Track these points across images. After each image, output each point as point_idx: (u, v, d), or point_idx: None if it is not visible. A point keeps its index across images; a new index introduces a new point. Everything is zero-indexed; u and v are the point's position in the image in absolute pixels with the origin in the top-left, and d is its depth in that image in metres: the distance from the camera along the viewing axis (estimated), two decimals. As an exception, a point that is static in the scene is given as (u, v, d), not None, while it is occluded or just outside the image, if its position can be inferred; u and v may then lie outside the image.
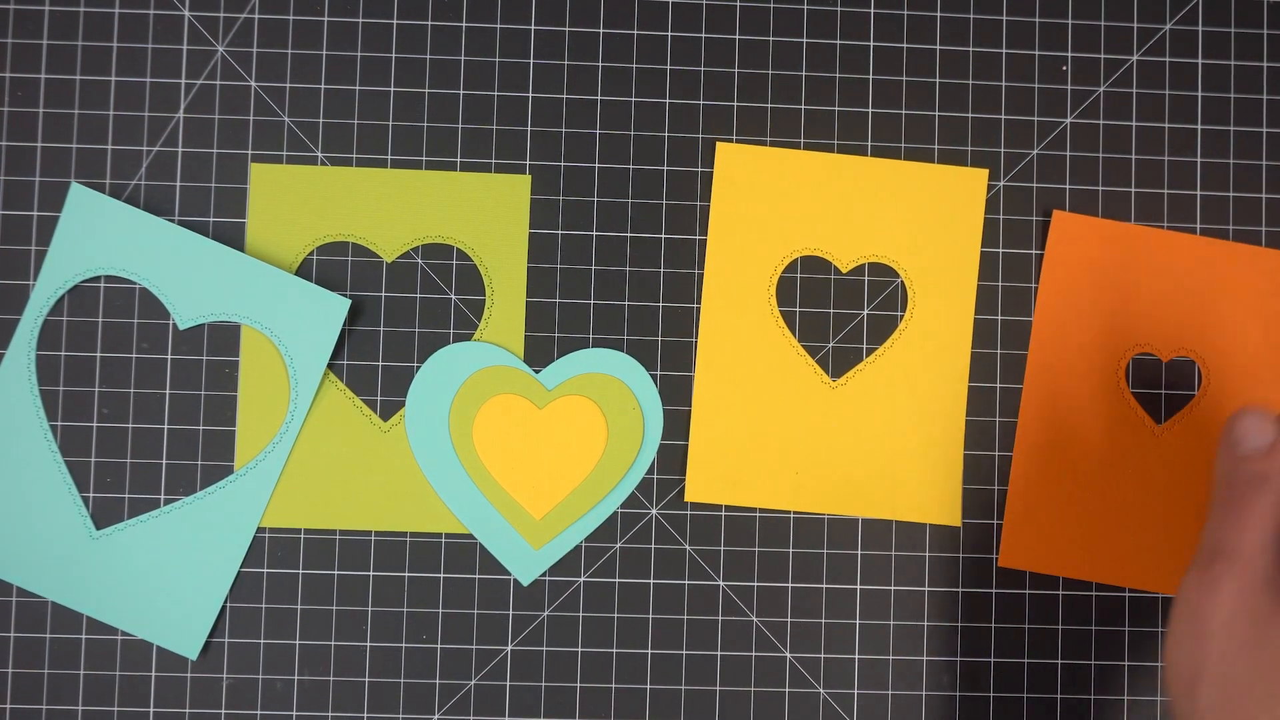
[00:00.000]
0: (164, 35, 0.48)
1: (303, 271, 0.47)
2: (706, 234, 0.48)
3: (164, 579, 0.46)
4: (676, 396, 0.47)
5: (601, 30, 0.48)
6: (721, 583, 0.47)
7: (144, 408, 0.47)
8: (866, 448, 0.48)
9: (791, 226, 0.48)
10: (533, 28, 0.48)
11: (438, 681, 0.47)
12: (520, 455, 0.46)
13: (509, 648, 0.47)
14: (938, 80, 0.49)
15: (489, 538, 0.46)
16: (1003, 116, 0.49)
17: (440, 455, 0.46)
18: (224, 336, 0.47)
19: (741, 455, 0.47)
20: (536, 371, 0.46)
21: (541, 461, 0.45)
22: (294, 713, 0.46)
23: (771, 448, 0.47)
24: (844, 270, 0.48)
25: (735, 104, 0.48)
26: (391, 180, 0.47)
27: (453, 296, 0.47)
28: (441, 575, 0.47)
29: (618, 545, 0.47)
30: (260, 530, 0.47)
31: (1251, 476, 0.36)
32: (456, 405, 0.45)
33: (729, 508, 0.47)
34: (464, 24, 0.48)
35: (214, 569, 0.46)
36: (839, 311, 0.48)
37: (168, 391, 0.47)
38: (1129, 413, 0.48)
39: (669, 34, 0.48)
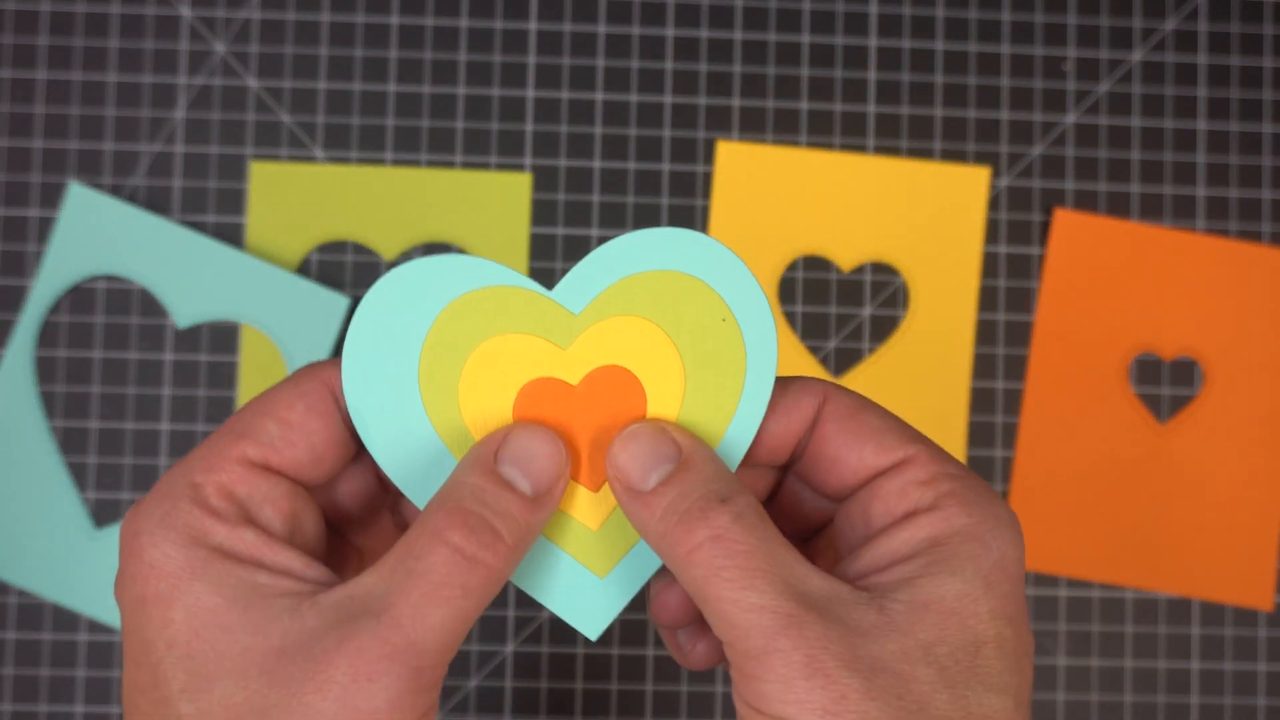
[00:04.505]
0: (164, 35, 0.48)
1: (302, 270, 0.47)
2: (707, 233, 0.48)
3: (163, 579, 0.46)
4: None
5: (602, 29, 0.48)
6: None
7: (143, 408, 0.47)
8: (868, 447, 0.48)
9: (793, 226, 0.48)
10: (533, 27, 0.48)
11: (438, 682, 0.46)
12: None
13: (509, 648, 0.47)
14: (939, 79, 0.49)
15: (524, 569, 0.27)
16: (1004, 115, 0.49)
17: (413, 444, 0.26)
18: (223, 336, 0.47)
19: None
20: (552, 290, 0.26)
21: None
22: (294, 713, 0.46)
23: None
24: (845, 270, 0.48)
25: (736, 102, 0.48)
26: (391, 179, 0.47)
27: (453, 296, 0.47)
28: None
29: (618, 545, 0.47)
30: (260, 530, 0.47)
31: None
32: (429, 361, 0.25)
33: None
34: (464, 23, 0.48)
35: (213, 569, 0.46)
36: (840, 311, 0.48)
37: (167, 391, 0.47)
38: (1131, 412, 0.48)
39: (669, 33, 0.48)
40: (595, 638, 0.27)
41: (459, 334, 0.25)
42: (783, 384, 0.26)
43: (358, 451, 0.26)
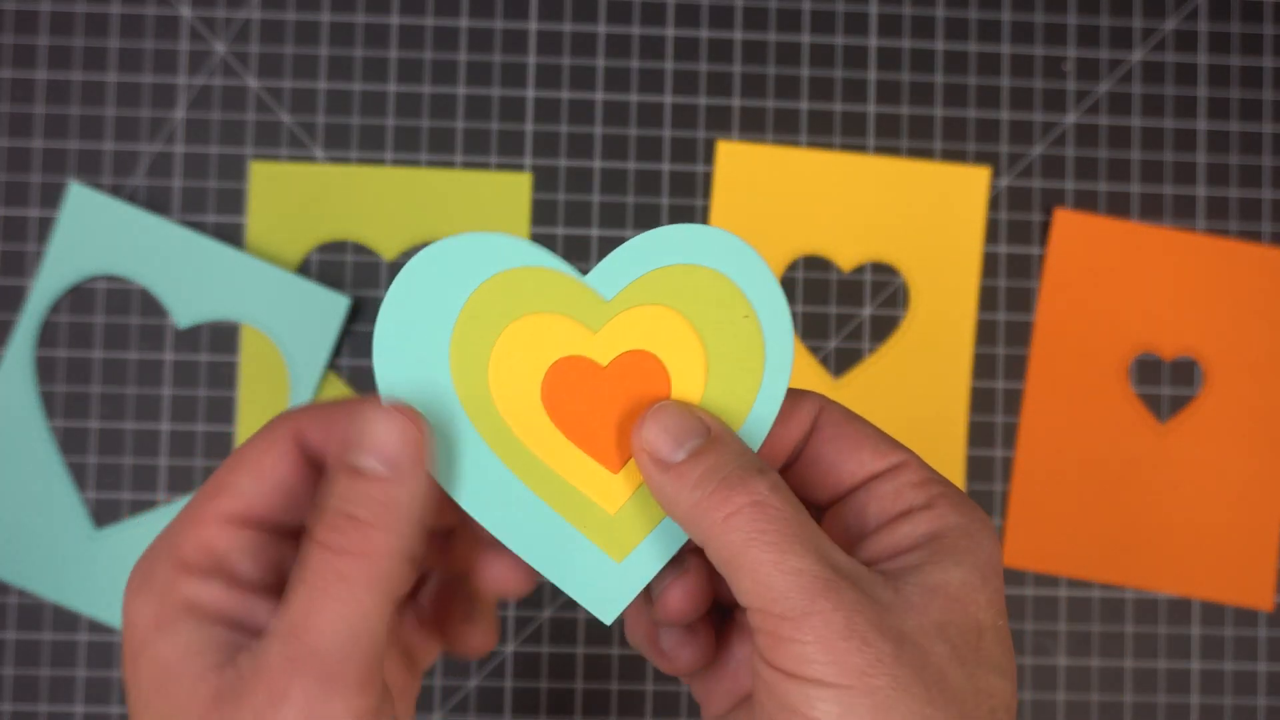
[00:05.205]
0: (163, 35, 0.48)
1: (302, 271, 0.47)
2: (707, 233, 0.48)
3: (163, 579, 0.46)
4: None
5: (602, 29, 0.48)
6: (722, 583, 0.47)
7: (143, 408, 0.47)
8: (868, 447, 0.48)
9: (793, 226, 0.48)
10: (533, 27, 0.48)
11: (438, 682, 0.46)
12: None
13: (509, 648, 0.47)
14: (939, 79, 0.49)
15: (541, 550, 0.27)
16: (1004, 115, 0.49)
17: (439, 421, 0.26)
18: (223, 336, 0.47)
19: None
20: (585, 274, 0.27)
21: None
22: (294, 713, 0.46)
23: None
24: (845, 270, 0.48)
25: (736, 102, 0.48)
26: (391, 179, 0.47)
27: (453, 296, 0.47)
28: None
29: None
30: (260, 530, 0.47)
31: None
32: (462, 333, 0.26)
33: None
34: (464, 23, 0.48)
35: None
36: (840, 311, 0.48)
37: (167, 391, 0.47)
38: (1131, 412, 0.48)
39: (669, 33, 0.48)
40: (610, 622, 0.27)
41: (495, 308, 0.26)
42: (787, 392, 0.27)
43: None
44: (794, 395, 0.27)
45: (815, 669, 0.22)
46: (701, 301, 0.27)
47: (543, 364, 0.27)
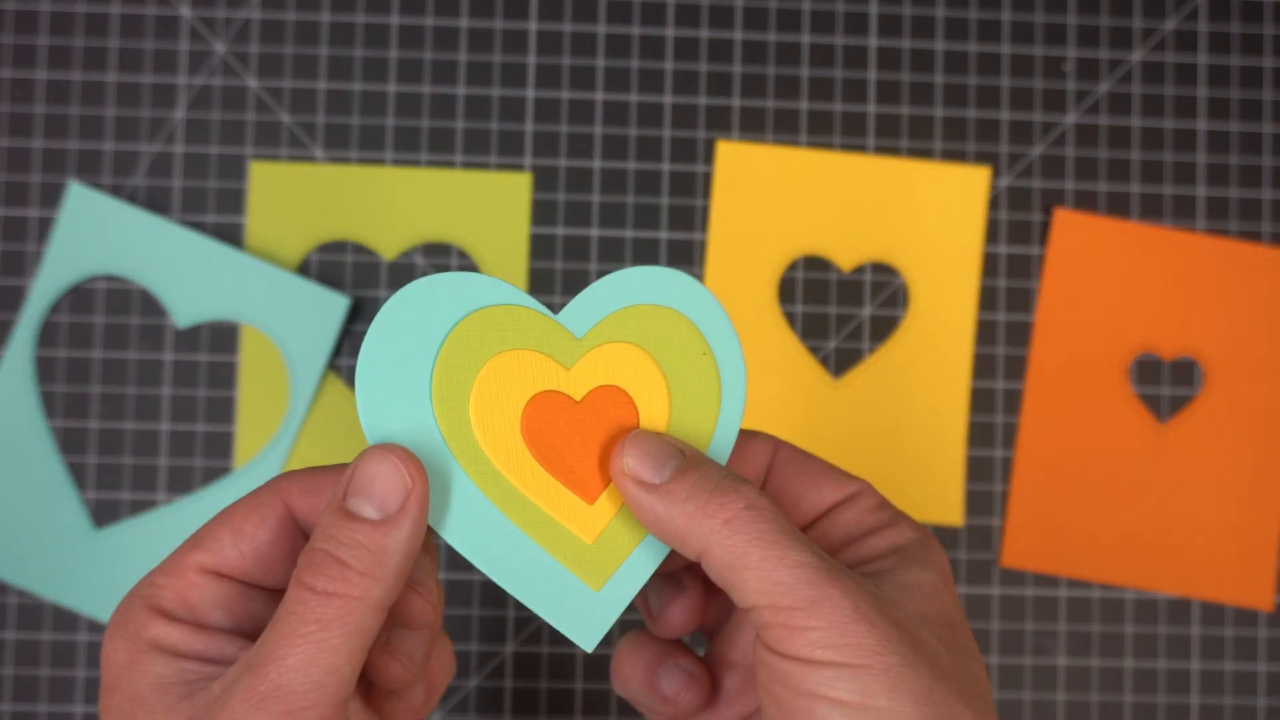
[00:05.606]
0: (163, 35, 0.48)
1: (302, 271, 0.47)
2: (707, 233, 0.48)
3: (163, 579, 0.46)
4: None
5: (602, 29, 0.48)
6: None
7: (143, 408, 0.47)
8: (868, 447, 0.48)
9: (793, 226, 0.48)
10: (533, 27, 0.48)
11: (438, 682, 0.46)
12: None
13: (509, 648, 0.47)
14: (939, 79, 0.49)
15: (524, 581, 0.28)
16: (1004, 115, 0.49)
17: (425, 459, 0.27)
18: (223, 336, 0.47)
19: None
20: (557, 313, 0.29)
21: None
22: (294, 713, 0.46)
23: (772, 447, 0.47)
24: (845, 270, 0.48)
25: (736, 102, 0.48)
26: (391, 179, 0.47)
27: (453, 296, 0.47)
28: (442, 575, 0.46)
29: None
30: (260, 530, 0.46)
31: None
32: (442, 374, 0.27)
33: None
34: (464, 23, 0.48)
35: (213, 569, 0.46)
36: (840, 311, 0.48)
37: (167, 391, 0.47)
38: (1131, 412, 0.48)
39: (669, 33, 0.48)
40: (590, 649, 0.28)
41: (474, 345, 0.28)
42: (742, 434, 0.29)
43: None
44: (749, 435, 0.29)
45: (830, 652, 0.23)
46: (664, 340, 0.29)
47: (521, 399, 0.28)
